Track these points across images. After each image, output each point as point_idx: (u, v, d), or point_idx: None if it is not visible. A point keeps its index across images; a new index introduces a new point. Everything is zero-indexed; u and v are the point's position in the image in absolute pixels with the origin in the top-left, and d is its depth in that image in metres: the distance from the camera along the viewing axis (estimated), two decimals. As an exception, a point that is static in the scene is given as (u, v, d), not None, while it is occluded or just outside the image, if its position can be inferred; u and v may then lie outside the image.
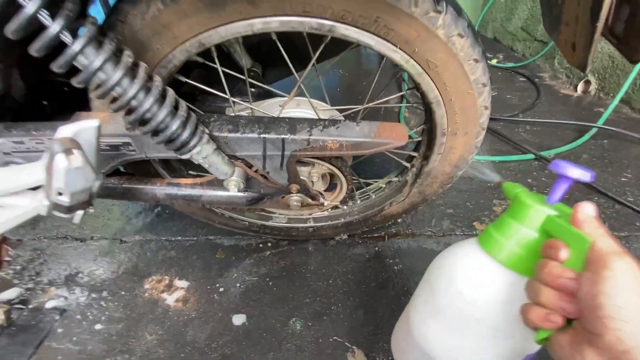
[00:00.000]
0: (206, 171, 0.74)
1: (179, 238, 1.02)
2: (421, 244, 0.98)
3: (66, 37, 0.32)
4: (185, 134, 0.43)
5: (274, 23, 0.45)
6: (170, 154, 0.52)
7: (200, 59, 0.54)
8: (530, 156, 1.34)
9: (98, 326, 0.79)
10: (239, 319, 0.80)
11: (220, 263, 0.94)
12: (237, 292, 0.86)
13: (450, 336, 0.43)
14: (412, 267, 0.91)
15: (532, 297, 0.33)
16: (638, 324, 0.26)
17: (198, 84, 0.58)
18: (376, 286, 0.87)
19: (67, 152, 0.36)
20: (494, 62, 2.23)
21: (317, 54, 0.55)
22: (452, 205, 1.11)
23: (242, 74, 0.62)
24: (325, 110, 0.65)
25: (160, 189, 0.60)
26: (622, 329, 0.26)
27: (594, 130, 1.44)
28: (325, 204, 0.67)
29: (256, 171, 0.60)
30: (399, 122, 1.51)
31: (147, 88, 0.38)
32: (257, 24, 0.45)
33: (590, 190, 1.15)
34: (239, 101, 0.61)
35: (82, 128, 0.39)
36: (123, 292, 0.87)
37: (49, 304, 0.84)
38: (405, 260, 0.93)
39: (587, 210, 0.33)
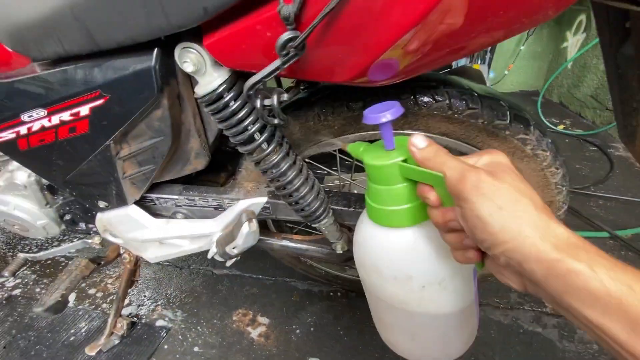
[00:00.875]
0: (300, 224, 0.88)
1: (260, 276, 1.16)
2: (488, 314, 1.01)
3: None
4: (320, 210, 0.57)
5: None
6: (293, 218, 0.67)
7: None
8: (605, 234, 1.31)
9: (196, 348, 0.93)
10: (314, 363, 0.89)
11: (296, 305, 1.05)
12: (312, 336, 0.96)
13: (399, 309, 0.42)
14: (479, 338, 0.94)
15: (448, 244, 0.34)
16: (515, 235, 0.26)
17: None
18: (443, 351, 0.91)
19: (250, 220, 0.51)
20: (560, 128, 2.19)
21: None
22: (519, 278, 1.12)
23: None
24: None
25: (277, 242, 0.74)
26: (505, 247, 0.26)
27: (677, 215, 1.37)
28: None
29: (355, 236, 0.72)
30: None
31: (306, 180, 0.53)
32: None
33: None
34: (342, 176, 0.76)
35: (256, 202, 0.55)
36: (215, 320, 1.01)
37: (158, 322, 1.00)
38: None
39: (420, 143, 0.32)
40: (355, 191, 0.87)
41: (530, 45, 2.76)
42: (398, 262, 0.38)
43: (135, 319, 1.02)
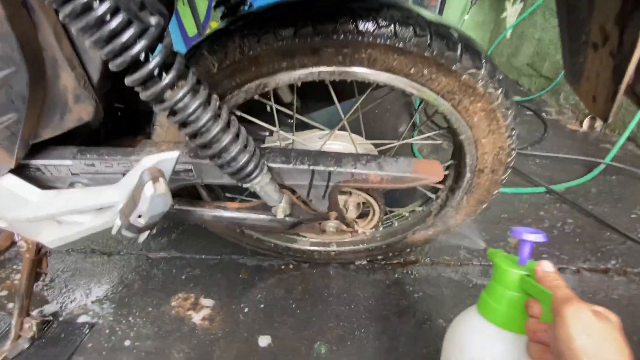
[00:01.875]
0: (238, 193, 0.78)
1: (204, 256, 1.05)
2: (440, 272, 1.01)
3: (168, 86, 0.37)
4: (250, 166, 0.48)
5: (336, 72, 0.50)
6: (224, 180, 0.57)
7: (256, 96, 0.60)
8: (542, 189, 1.38)
9: (127, 342, 0.81)
10: (264, 340, 0.82)
11: (244, 283, 0.97)
12: (262, 313, 0.88)
13: None
14: (432, 295, 0.93)
15: (530, 354, 0.38)
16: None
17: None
18: (398, 313, 0.89)
19: (154, 180, 0.40)
20: (501, 95, 2.31)
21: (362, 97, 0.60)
22: (468, 235, 1.14)
23: (284, 106, 0.68)
24: (362, 144, 0.71)
25: (208, 212, 0.64)
26: None
27: (602, 167, 1.49)
28: (360, 231, 0.71)
29: (298, 198, 0.64)
30: (413, 155, 1.56)
31: (226, 127, 0.43)
32: (321, 72, 0.51)
33: (602, 225, 1.18)
34: (284, 133, 0.66)
35: (165, 158, 0.43)
36: (150, 309, 0.89)
37: (79, 318, 0.86)
38: (424, 287, 0.96)
39: (546, 266, 0.39)
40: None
41: (473, 15, 2.81)
42: (498, 356, 0.43)
43: (51, 317, 0.86)
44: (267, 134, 0.77)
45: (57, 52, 0.37)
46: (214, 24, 2.28)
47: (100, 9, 0.29)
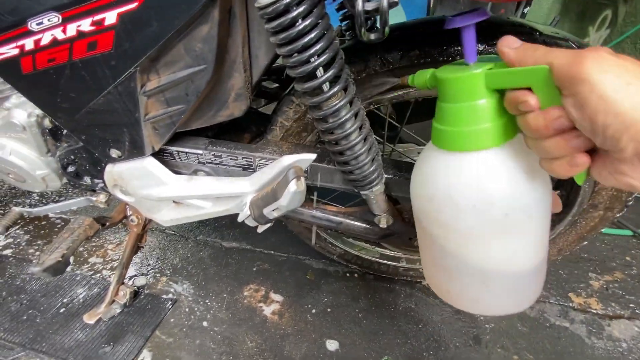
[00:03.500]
0: (325, 196, 0.80)
1: (272, 252, 1.09)
2: (513, 305, 0.96)
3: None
4: (374, 175, 0.50)
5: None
6: (335, 185, 0.59)
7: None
8: (628, 232, 1.27)
9: (205, 323, 0.86)
10: (332, 345, 0.83)
11: (310, 284, 0.99)
12: (329, 317, 0.89)
13: (472, 246, 0.37)
14: (505, 329, 0.89)
15: (544, 155, 0.30)
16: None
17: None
18: (468, 342, 0.86)
19: (298, 178, 0.43)
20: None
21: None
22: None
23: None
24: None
25: (308, 212, 0.66)
26: (637, 129, 0.23)
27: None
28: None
29: (397, 209, 0.65)
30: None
31: (365, 136, 0.45)
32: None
33: None
34: (387, 144, 0.68)
35: (304, 158, 0.46)
36: (225, 295, 0.94)
37: (163, 294, 0.93)
38: (497, 319, 0.91)
39: (512, 42, 0.29)
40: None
41: (551, 38, 2.67)
42: (479, 188, 0.33)
43: (138, 288, 0.94)
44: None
45: (238, 56, 0.42)
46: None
47: (302, 25, 0.32)
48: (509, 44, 0.29)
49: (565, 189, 0.68)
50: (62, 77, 0.42)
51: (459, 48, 0.47)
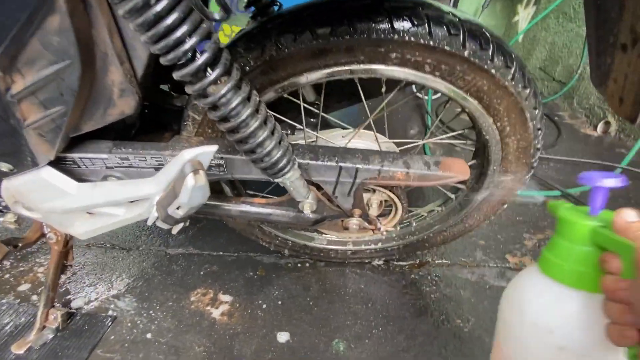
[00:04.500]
0: (259, 191, 0.80)
1: (221, 253, 1.06)
2: (455, 273, 1.01)
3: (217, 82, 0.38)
4: (284, 161, 0.49)
5: (367, 70, 0.52)
6: (253, 176, 0.58)
7: (285, 95, 0.61)
8: (557, 192, 1.38)
9: (149, 335, 0.82)
10: (283, 337, 0.83)
11: (261, 280, 0.97)
12: (280, 310, 0.89)
13: None
14: (449, 295, 0.94)
15: (607, 315, 0.33)
16: None
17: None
18: (415, 313, 0.89)
19: (195, 172, 0.42)
20: (513, 99, 2.30)
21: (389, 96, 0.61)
22: (484, 237, 1.13)
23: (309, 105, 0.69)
24: (384, 143, 0.71)
25: (235, 207, 0.65)
26: None
27: (617, 171, 1.48)
28: (382, 228, 0.71)
29: (324, 194, 0.65)
30: (424, 154, 1.56)
31: (264, 123, 0.44)
32: (353, 70, 0.52)
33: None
34: (309, 131, 0.67)
35: (204, 151, 0.45)
36: (170, 303, 0.90)
37: (101, 312, 0.88)
38: (441, 288, 0.96)
39: (627, 216, 0.33)
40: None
41: (484, 19, 2.80)
42: (569, 324, 0.37)
43: (74, 310, 0.88)
44: (288, 132, 0.79)
45: (108, 48, 0.39)
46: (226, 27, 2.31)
47: (159, 6, 0.31)
48: (626, 214, 0.33)
49: (479, 158, 0.72)
50: None
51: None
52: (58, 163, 0.56)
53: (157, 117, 0.79)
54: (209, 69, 0.37)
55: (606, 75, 0.61)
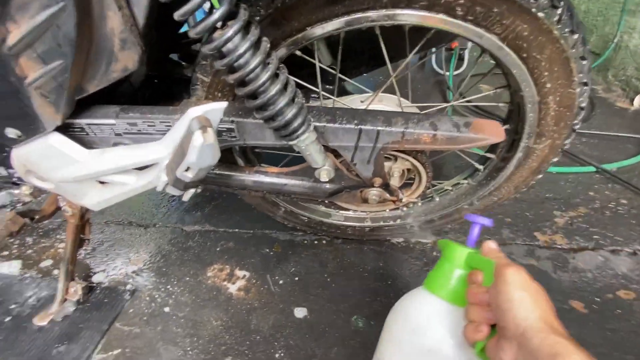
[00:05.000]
0: (277, 163, 0.76)
1: (237, 230, 1.05)
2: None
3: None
4: (298, 121, 0.45)
5: (389, 15, 0.46)
6: (267, 142, 0.54)
7: (299, 54, 0.56)
8: (591, 169, 1.28)
9: (167, 309, 0.82)
10: (300, 312, 0.81)
11: (277, 256, 0.96)
12: (297, 286, 0.87)
13: None
14: (474, 273, 0.89)
15: (467, 317, 0.43)
16: (526, 310, 0.36)
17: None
18: (437, 290, 0.85)
19: (203, 129, 0.38)
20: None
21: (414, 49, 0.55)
22: (511, 215, 1.07)
23: (324, 70, 0.64)
24: (408, 107, 0.66)
25: (248, 177, 0.62)
26: (516, 315, 0.35)
27: (657, 145, 1.36)
28: (404, 199, 0.67)
29: (342, 162, 0.61)
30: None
31: (275, 76, 0.40)
32: (371, 17, 0.46)
33: (662, 206, 1.08)
34: (326, 94, 0.63)
35: (212, 108, 0.41)
36: (187, 278, 0.90)
37: (121, 285, 0.88)
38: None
39: (491, 244, 0.46)
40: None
41: None
42: (439, 328, 0.46)
43: (94, 284, 0.89)
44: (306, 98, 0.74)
45: (104, -12, 0.35)
46: None
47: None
48: (490, 244, 0.46)
49: (512, 122, 0.66)
50: None
51: None
52: (66, 130, 0.54)
53: (167, 87, 0.76)
54: (214, 10, 0.33)
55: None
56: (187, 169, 0.42)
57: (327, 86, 0.76)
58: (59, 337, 0.77)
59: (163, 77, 0.78)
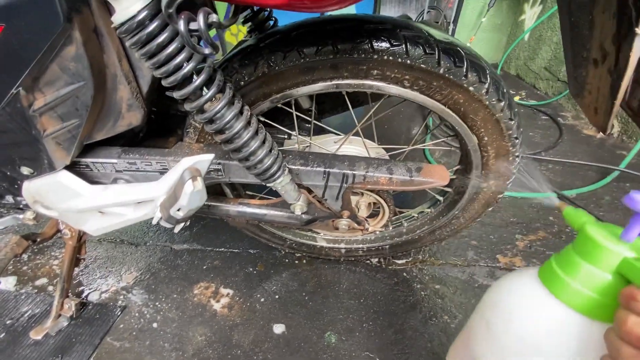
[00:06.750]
0: (257, 192, 0.85)
1: (223, 249, 1.12)
2: (447, 272, 1.05)
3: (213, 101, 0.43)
4: (274, 168, 0.54)
5: (352, 84, 0.56)
6: (249, 180, 0.63)
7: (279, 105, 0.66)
8: (552, 195, 1.40)
9: (155, 324, 0.89)
10: (279, 328, 0.88)
11: (260, 275, 1.03)
12: (277, 304, 0.95)
13: None
14: (439, 293, 0.98)
15: (612, 354, 0.29)
16: None
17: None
18: (405, 309, 0.94)
19: (193, 178, 0.47)
20: (516, 99, 2.31)
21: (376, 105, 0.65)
22: (476, 237, 1.17)
23: (303, 112, 0.74)
24: (373, 149, 0.76)
25: (233, 207, 0.70)
26: None
27: (616, 173, 1.49)
28: (370, 229, 0.76)
29: (314, 197, 0.70)
30: (425, 157, 1.60)
31: (256, 133, 0.49)
32: (339, 85, 0.56)
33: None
34: (302, 137, 0.72)
35: (202, 159, 0.50)
36: (175, 295, 0.97)
37: (112, 302, 0.94)
38: (431, 286, 1.00)
39: None
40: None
41: (490, 18, 2.80)
42: (567, 347, 0.33)
43: (86, 300, 0.95)
44: (285, 137, 0.84)
45: (117, 70, 0.44)
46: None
47: (160, 38, 0.36)
48: None
49: (463, 163, 0.76)
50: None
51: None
52: (73, 167, 0.62)
53: (163, 122, 0.85)
54: (204, 89, 0.43)
55: (582, 87, 0.64)
56: (179, 209, 0.50)
57: (307, 124, 0.86)
58: (53, 351, 0.83)
59: (159, 113, 0.87)
